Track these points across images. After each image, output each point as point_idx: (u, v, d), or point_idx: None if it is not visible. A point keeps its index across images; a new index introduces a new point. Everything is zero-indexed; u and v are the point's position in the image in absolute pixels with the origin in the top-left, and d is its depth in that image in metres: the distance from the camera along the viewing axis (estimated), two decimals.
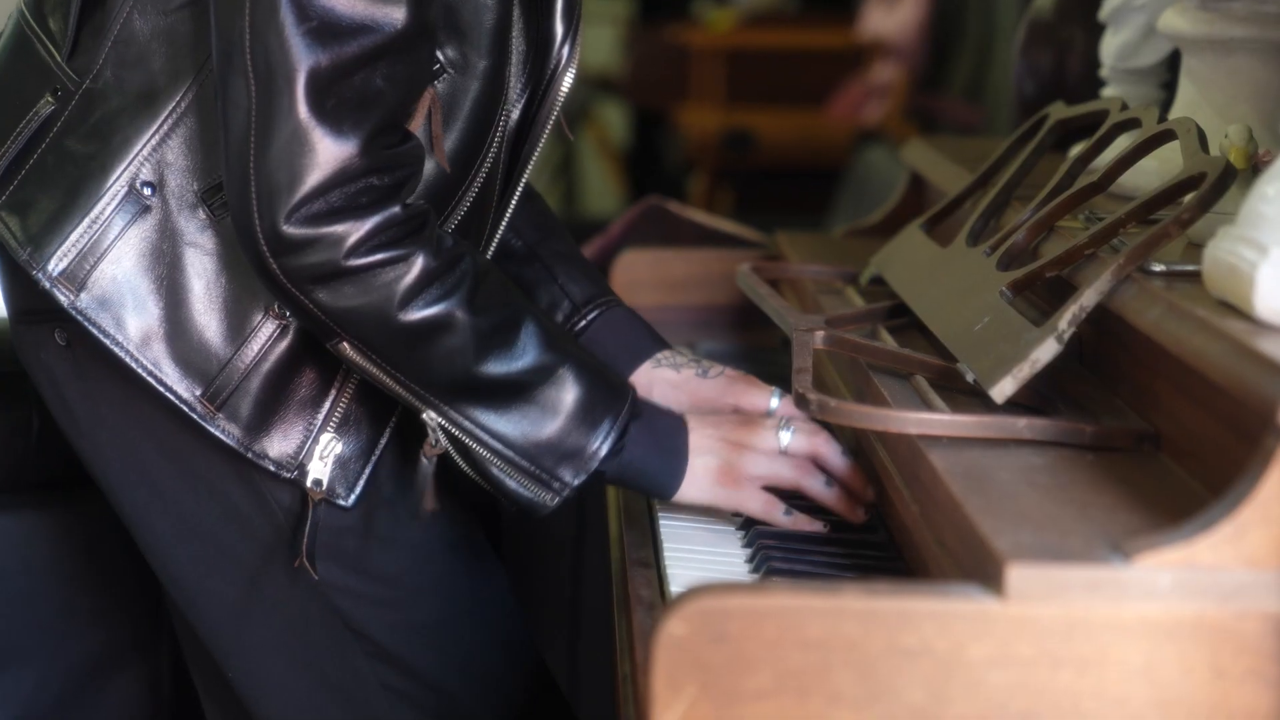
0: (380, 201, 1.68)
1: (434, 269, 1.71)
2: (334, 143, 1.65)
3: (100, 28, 1.82)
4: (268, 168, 1.65)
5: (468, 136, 1.83)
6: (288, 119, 1.64)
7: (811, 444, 1.81)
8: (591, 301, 2.03)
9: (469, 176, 1.85)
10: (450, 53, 1.80)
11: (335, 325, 1.72)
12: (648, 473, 1.80)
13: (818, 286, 2.20)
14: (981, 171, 2.09)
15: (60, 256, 1.78)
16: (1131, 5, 2.29)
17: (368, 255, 1.68)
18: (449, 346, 1.73)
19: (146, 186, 1.78)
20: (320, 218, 1.66)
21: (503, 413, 1.76)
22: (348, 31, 1.65)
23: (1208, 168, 1.60)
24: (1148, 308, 1.52)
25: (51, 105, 1.83)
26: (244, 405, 1.80)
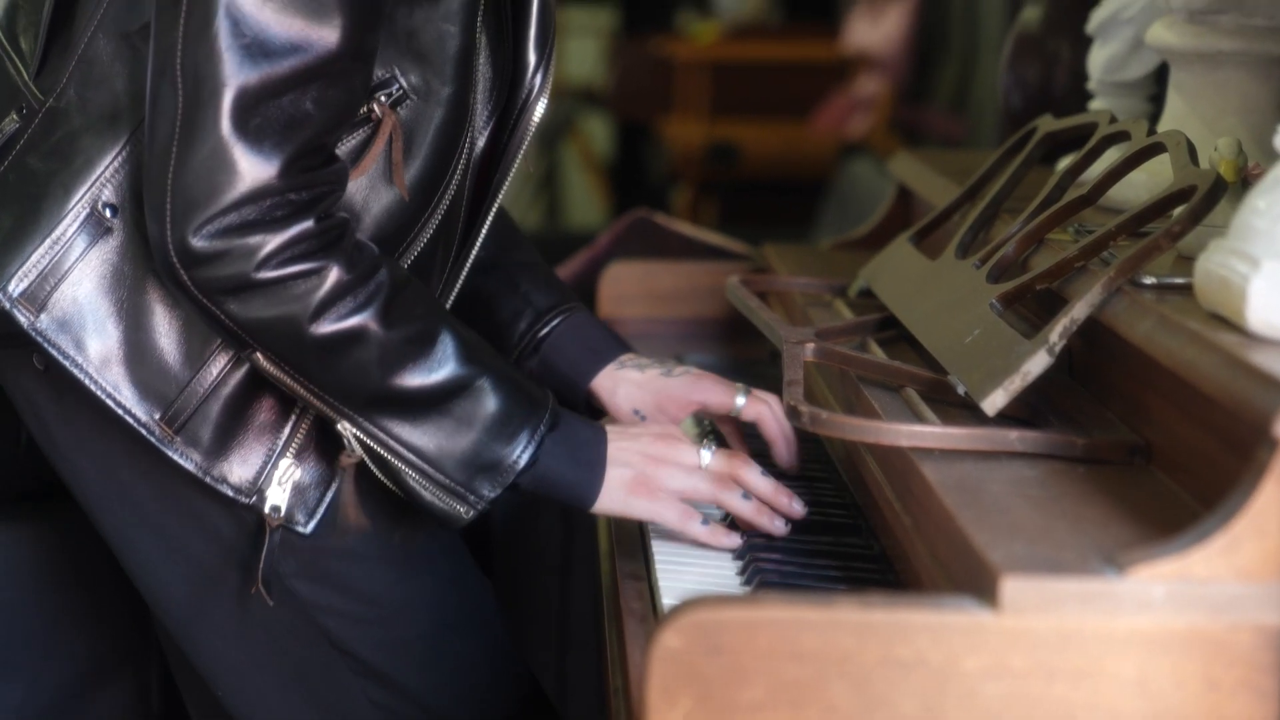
0: (295, 215, 1.68)
1: (347, 282, 1.71)
2: (254, 162, 1.65)
3: (66, 47, 1.82)
4: (186, 180, 1.65)
5: (430, 164, 1.83)
6: (211, 133, 1.64)
7: (730, 465, 1.81)
8: (554, 308, 2.04)
9: (432, 204, 1.84)
10: (413, 79, 1.80)
11: (248, 336, 1.71)
12: (564, 484, 1.80)
13: (806, 299, 2.20)
14: (970, 184, 2.09)
15: (21, 277, 1.77)
16: (1119, 18, 2.30)
17: (280, 268, 1.68)
18: (362, 359, 1.73)
19: (108, 208, 1.78)
20: (231, 231, 1.65)
21: (418, 425, 1.76)
22: (280, 51, 1.65)
23: (1198, 181, 1.61)
24: (1139, 320, 1.53)
25: (16, 123, 1.82)
26: (203, 430, 1.79)
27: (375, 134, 1.77)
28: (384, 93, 1.78)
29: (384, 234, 1.80)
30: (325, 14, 1.65)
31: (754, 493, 1.80)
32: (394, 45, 1.78)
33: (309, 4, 1.65)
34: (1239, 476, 1.29)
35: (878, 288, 2.07)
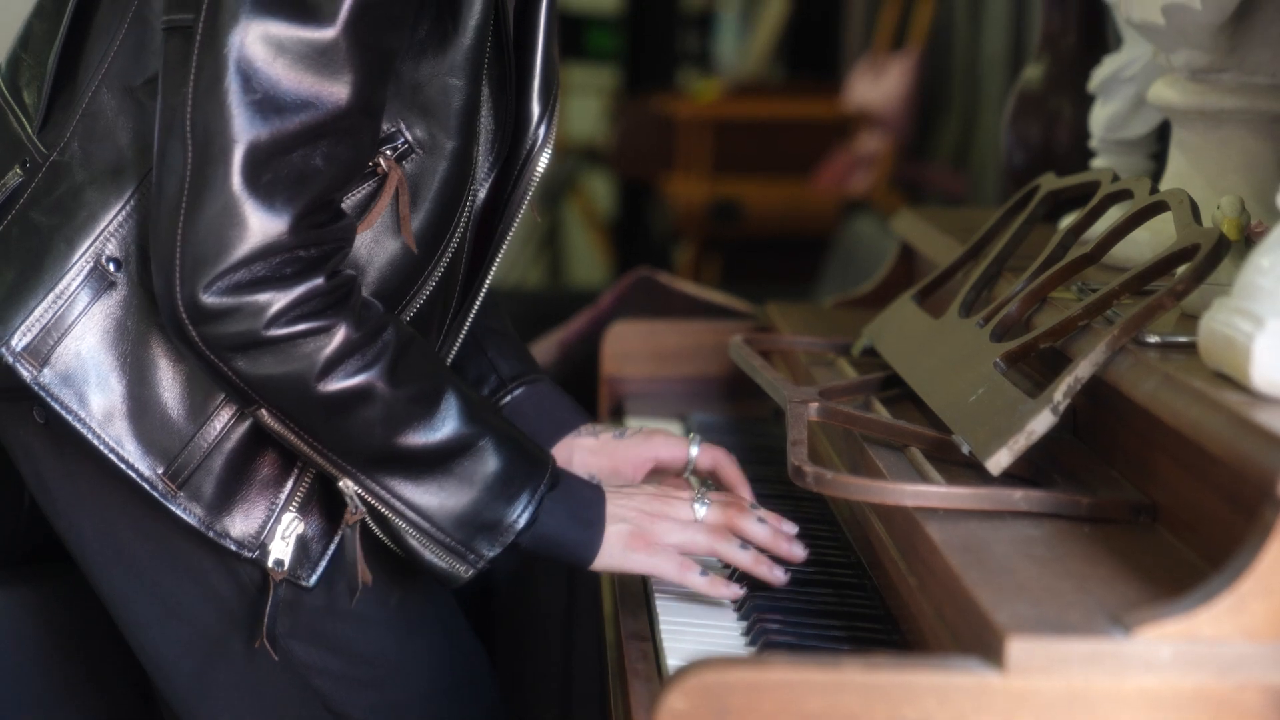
0: (304, 273, 1.68)
1: (355, 340, 1.71)
2: (264, 218, 1.65)
3: (70, 102, 1.82)
4: (196, 236, 1.65)
5: (435, 217, 1.83)
6: (221, 189, 1.64)
7: (726, 516, 1.81)
8: (518, 378, 2.04)
9: (435, 257, 1.85)
10: (418, 133, 1.80)
11: (254, 393, 1.71)
12: (564, 543, 1.80)
13: (810, 358, 2.20)
14: (973, 243, 2.09)
15: (24, 331, 1.77)
16: (1121, 77, 2.30)
17: (289, 325, 1.68)
18: (368, 417, 1.73)
19: (112, 262, 1.78)
20: (241, 287, 1.66)
21: (420, 484, 1.76)
22: (290, 107, 1.65)
23: (1201, 239, 1.61)
24: (1143, 379, 1.53)
25: (19, 177, 1.82)
26: (206, 484, 1.79)
27: (381, 188, 1.78)
28: (390, 146, 1.79)
29: (389, 287, 1.81)
30: (336, 70, 1.66)
31: (752, 542, 1.80)
32: (399, 99, 1.79)
33: (319, 60, 1.65)
34: (1245, 536, 1.29)
35: (881, 346, 2.07)
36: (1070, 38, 2.52)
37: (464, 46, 1.79)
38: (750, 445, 2.29)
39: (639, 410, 2.47)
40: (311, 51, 1.65)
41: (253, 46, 1.64)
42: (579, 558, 1.80)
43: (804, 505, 1.97)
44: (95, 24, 1.82)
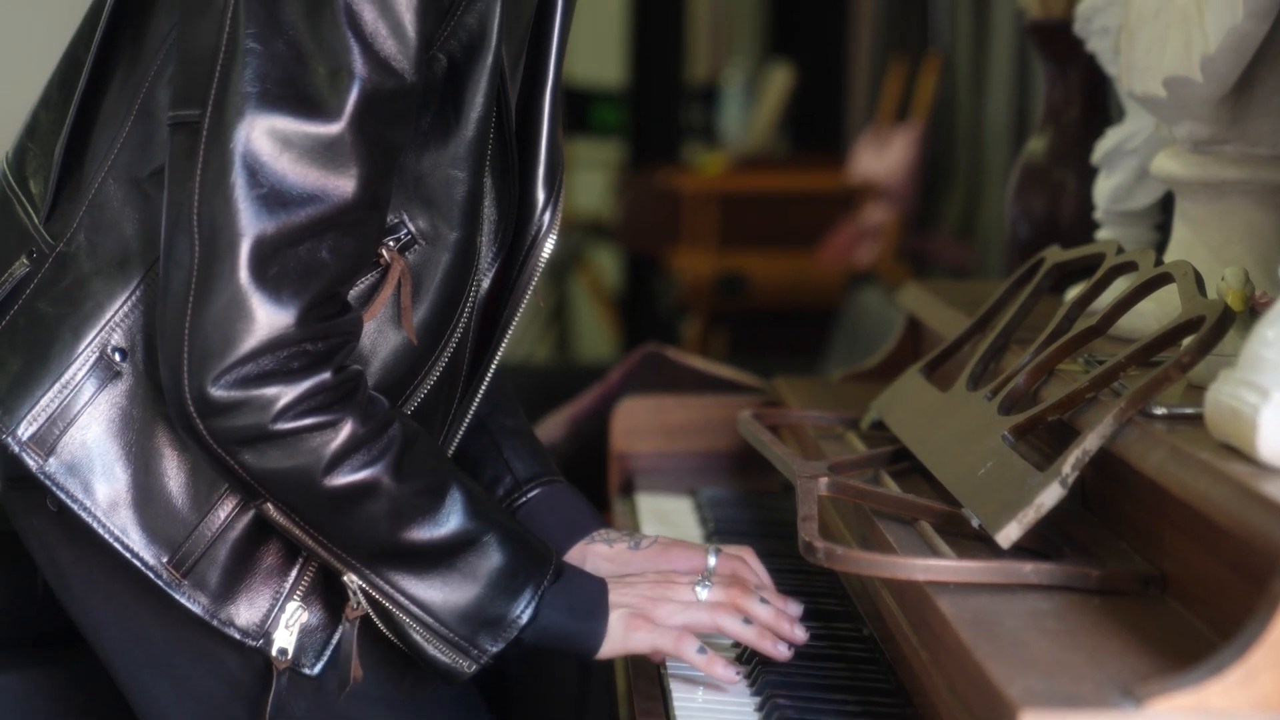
0: (312, 367, 1.69)
1: (361, 435, 1.71)
2: (271, 311, 1.66)
3: (76, 192, 1.83)
4: (203, 330, 1.65)
5: (438, 308, 1.84)
6: (228, 283, 1.65)
7: (729, 595, 1.81)
8: (534, 479, 2.02)
9: (438, 348, 1.85)
10: (421, 224, 1.81)
11: (259, 486, 1.72)
12: (567, 636, 1.80)
13: (819, 432, 2.21)
14: (979, 315, 2.10)
15: (30, 421, 1.78)
16: (1124, 149, 2.32)
17: (296, 420, 1.68)
18: (373, 512, 1.73)
19: (117, 352, 1.79)
20: (249, 381, 1.66)
21: (424, 579, 1.76)
22: (296, 201, 1.66)
23: (1206, 311, 1.62)
24: (1151, 451, 1.53)
25: (26, 267, 1.83)
26: (210, 573, 1.79)
27: (384, 279, 1.78)
28: (392, 238, 1.80)
29: (392, 377, 1.81)
30: (341, 163, 1.67)
31: (755, 620, 1.80)
32: (402, 191, 1.80)
33: (325, 154, 1.66)
34: (1254, 607, 1.29)
35: (890, 420, 2.08)
36: (1073, 110, 2.53)
37: (466, 138, 1.81)
38: (760, 520, 2.29)
39: (649, 485, 2.48)
40: (317, 146, 1.66)
41: (259, 141, 1.65)
42: (583, 649, 1.80)
43: (815, 579, 1.98)
44: (101, 116, 1.84)
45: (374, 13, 1.67)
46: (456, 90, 1.79)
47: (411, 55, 1.69)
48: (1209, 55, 1.87)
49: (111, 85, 1.83)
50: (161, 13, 1.81)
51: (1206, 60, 1.88)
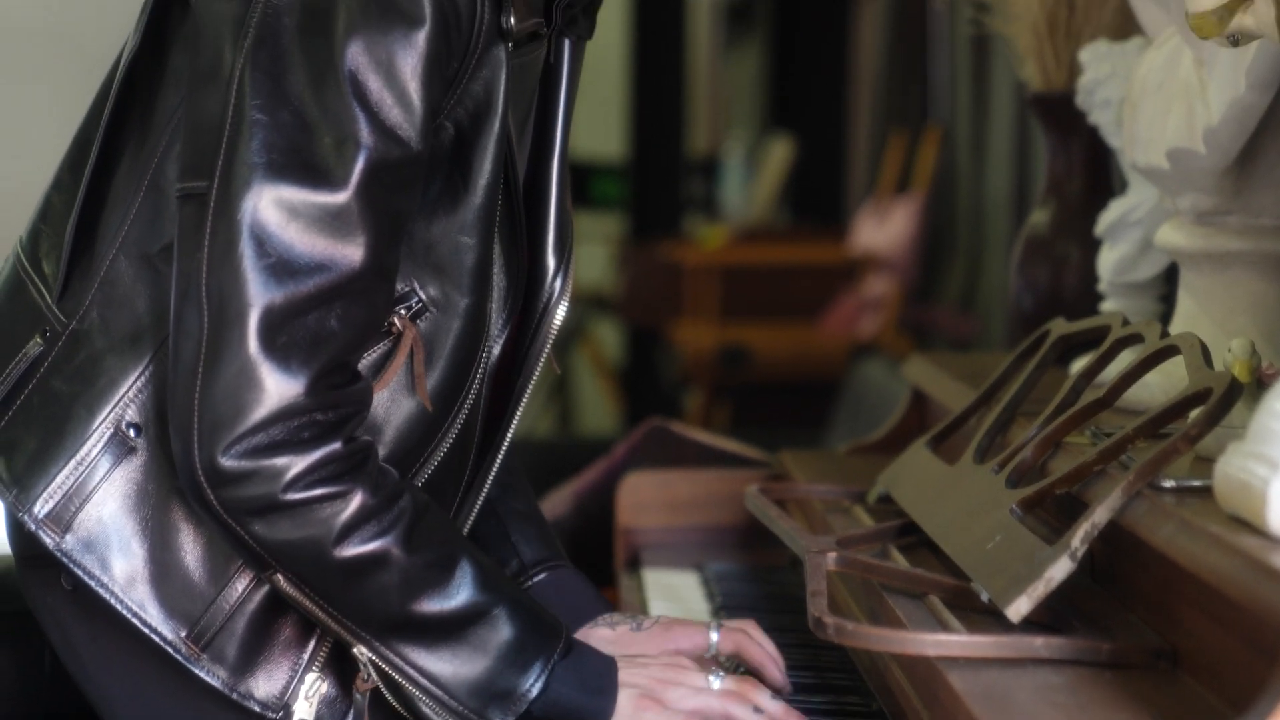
0: (322, 437, 1.69)
1: (372, 506, 1.71)
2: (281, 380, 1.66)
3: (88, 270, 1.84)
4: (213, 400, 1.66)
5: (449, 375, 1.84)
6: (237, 353, 1.65)
7: (741, 687, 1.80)
8: (540, 563, 2.02)
9: (450, 415, 1.85)
10: (431, 291, 1.82)
11: (270, 557, 1.72)
12: (576, 711, 1.79)
13: (825, 506, 2.21)
14: (985, 388, 2.10)
15: (46, 498, 1.78)
16: (1127, 221, 2.32)
17: (306, 490, 1.68)
18: (384, 583, 1.73)
19: (132, 428, 1.79)
20: (259, 451, 1.66)
21: (434, 651, 1.75)
22: (304, 270, 1.67)
23: (1213, 383, 1.62)
24: (1160, 524, 1.53)
25: (40, 346, 1.84)
26: (229, 646, 1.79)
27: (397, 347, 1.79)
28: (404, 306, 1.80)
29: (405, 446, 1.81)
30: (349, 232, 1.68)
31: (765, 712, 1.79)
32: (412, 258, 1.80)
33: (333, 223, 1.67)
34: (1266, 680, 1.29)
35: (897, 494, 2.07)
36: (1076, 182, 2.54)
37: (475, 205, 1.81)
38: (768, 594, 2.29)
39: (655, 560, 2.47)
40: (324, 215, 1.67)
41: (266, 211, 1.66)
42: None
43: (823, 654, 1.97)
44: (112, 194, 1.84)
45: (379, 82, 1.68)
46: (464, 157, 1.79)
47: (417, 124, 1.70)
48: (1212, 127, 1.88)
49: (121, 164, 1.84)
50: (169, 90, 1.82)
51: (1209, 132, 1.88)
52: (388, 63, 1.68)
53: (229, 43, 1.70)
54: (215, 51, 1.71)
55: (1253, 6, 1.61)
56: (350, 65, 1.67)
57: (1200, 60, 1.93)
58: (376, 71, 1.68)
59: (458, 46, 1.73)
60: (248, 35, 1.68)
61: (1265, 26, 1.61)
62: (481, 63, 1.76)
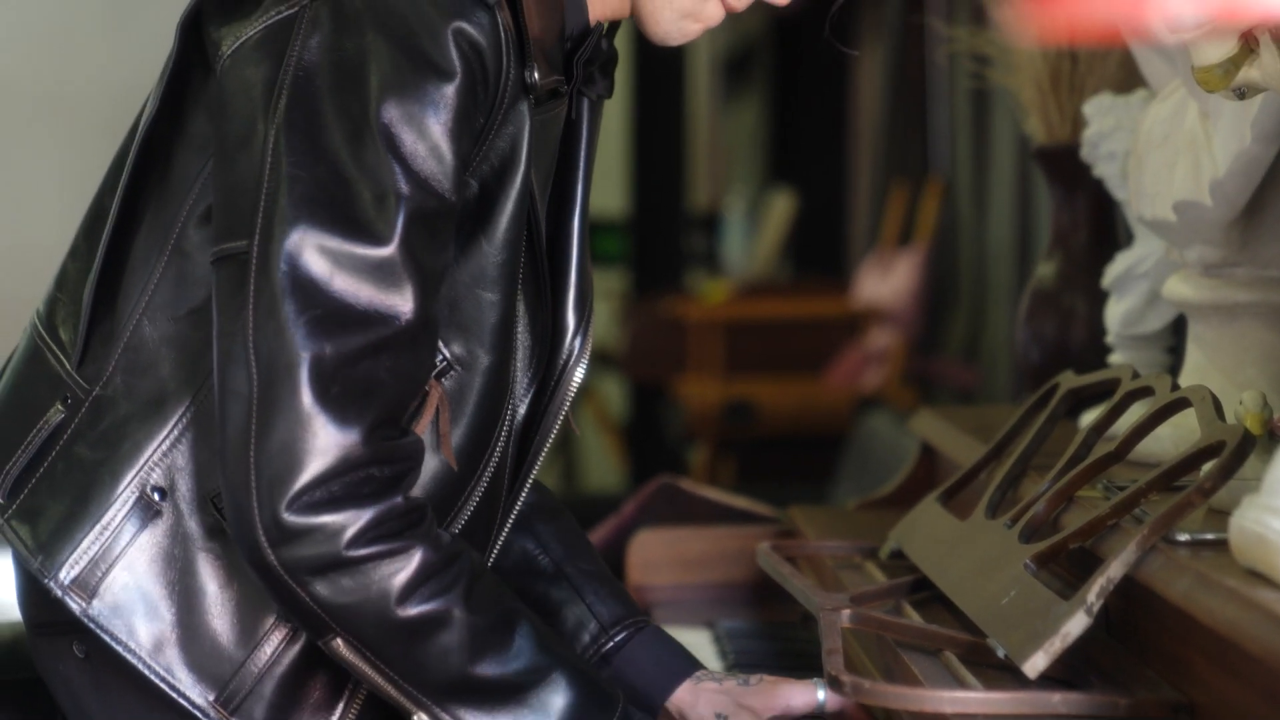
0: (381, 492, 1.68)
1: (433, 563, 1.71)
2: (337, 430, 1.66)
3: (110, 335, 1.83)
4: (269, 455, 1.65)
5: (475, 432, 1.84)
6: (290, 406, 1.65)
7: None
8: (620, 622, 2.00)
9: (477, 472, 1.85)
10: (456, 349, 1.82)
11: (331, 620, 1.70)
12: None
13: (837, 562, 2.21)
14: (995, 442, 2.10)
15: (71, 564, 1.78)
16: (1134, 273, 2.33)
17: (368, 546, 1.68)
18: (445, 644, 1.72)
19: (156, 491, 1.79)
20: (321, 506, 1.66)
21: (494, 714, 1.74)
22: (354, 321, 1.67)
23: (1226, 436, 1.62)
24: (1176, 578, 1.53)
25: (61, 413, 1.83)
26: (257, 710, 1.78)
27: (423, 405, 1.78)
28: None
29: (432, 504, 1.81)
30: (396, 284, 1.68)
31: None
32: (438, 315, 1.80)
33: (378, 274, 1.67)
34: None
35: (909, 549, 2.07)
36: (1081, 235, 2.54)
37: (498, 261, 1.81)
38: (779, 651, 2.28)
39: (667, 618, 2.47)
40: (370, 267, 1.67)
41: (310, 264, 1.66)
42: None
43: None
44: (132, 258, 1.84)
45: (413, 136, 1.68)
46: (487, 213, 1.80)
47: (450, 176, 1.70)
48: (1218, 179, 1.88)
49: (140, 228, 1.84)
50: (188, 153, 1.82)
51: (1216, 184, 1.89)
52: (420, 117, 1.69)
53: (260, 107, 1.70)
54: (247, 117, 1.71)
55: (1258, 60, 1.61)
56: (384, 120, 1.68)
57: (1205, 113, 1.93)
58: (410, 126, 1.68)
59: (484, 101, 1.74)
60: (280, 97, 1.69)
61: (1271, 80, 1.61)
62: (507, 118, 1.77)
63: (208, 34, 1.79)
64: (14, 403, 1.89)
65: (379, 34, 1.69)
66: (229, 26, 1.76)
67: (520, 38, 1.75)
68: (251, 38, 1.74)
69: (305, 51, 1.70)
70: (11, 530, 1.82)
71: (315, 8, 1.72)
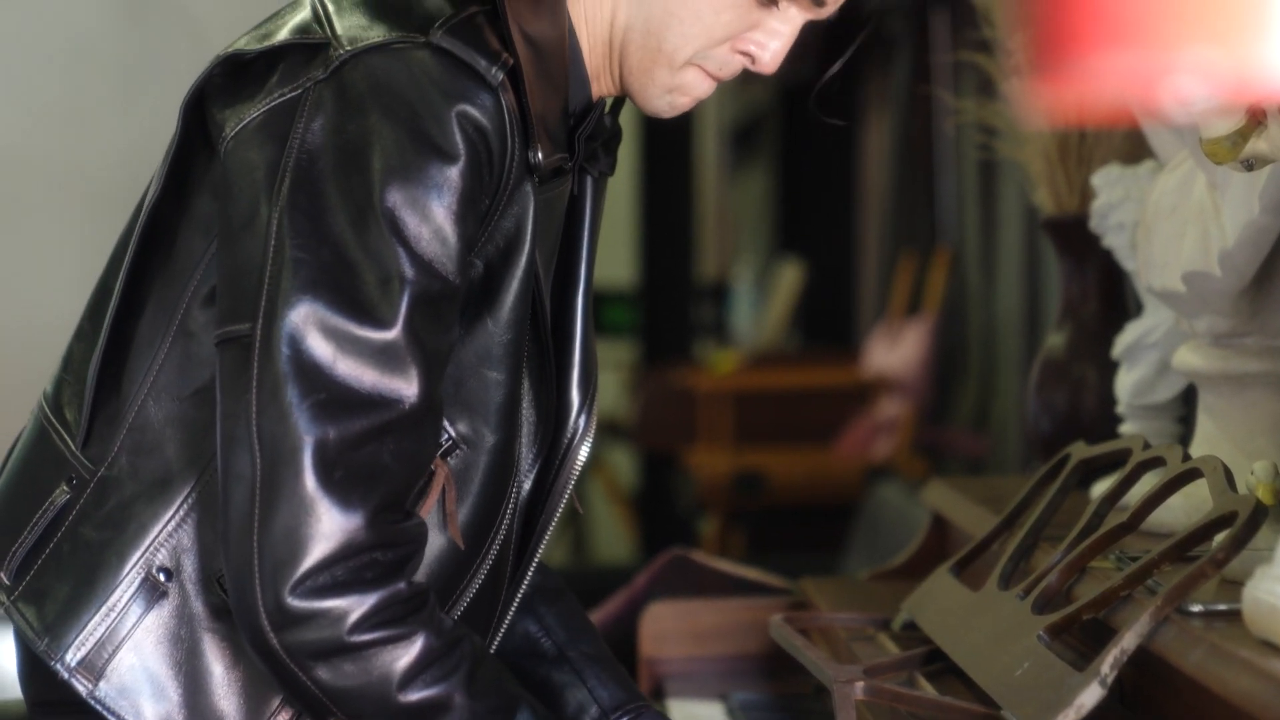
0: (385, 577, 1.68)
1: (435, 649, 1.71)
2: (341, 514, 1.66)
3: (115, 415, 1.84)
4: (272, 539, 1.65)
5: (480, 511, 1.84)
6: (294, 490, 1.65)
7: None
8: (620, 707, 2.01)
9: (482, 551, 1.85)
10: (461, 428, 1.82)
11: (333, 704, 1.70)
12: None
13: (850, 633, 2.20)
14: (1007, 513, 2.10)
15: (78, 646, 1.78)
16: (1144, 343, 2.33)
17: (371, 632, 1.68)
18: None
19: (162, 572, 1.79)
20: (324, 591, 1.66)
21: None
22: (357, 405, 1.67)
23: (1238, 507, 1.62)
24: (1190, 649, 1.53)
25: (67, 494, 1.84)
26: None
27: (429, 485, 1.78)
28: None
29: (438, 583, 1.81)
30: (400, 367, 1.68)
31: None
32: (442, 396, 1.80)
33: (382, 358, 1.67)
34: None
35: (922, 621, 2.07)
36: (1091, 305, 2.55)
37: (503, 341, 1.82)
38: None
39: (679, 691, 2.47)
40: (374, 350, 1.67)
41: (314, 347, 1.66)
42: None
43: None
44: (137, 339, 1.84)
45: (416, 219, 1.69)
46: (492, 292, 1.80)
47: (454, 257, 1.71)
48: (1227, 250, 1.89)
49: (145, 308, 1.85)
50: (192, 233, 1.83)
51: (1225, 255, 1.90)
52: (424, 200, 1.69)
53: (264, 189, 1.71)
54: (250, 199, 1.72)
55: (1266, 132, 1.62)
56: (388, 203, 1.68)
57: (1214, 184, 1.94)
58: (413, 209, 1.69)
59: (489, 183, 1.74)
60: (284, 180, 1.69)
61: (1279, 151, 1.62)
62: (512, 199, 1.77)
63: (211, 115, 1.79)
64: (21, 483, 1.89)
65: (383, 117, 1.70)
66: (232, 108, 1.77)
67: (524, 117, 1.76)
68: (255, 119, 1.74)
69: (309, 134, 1.71)
70: (18, 612, 1.82)
71: (319, 90, 1.72)
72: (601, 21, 1.84)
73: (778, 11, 1.81)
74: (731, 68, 1.84)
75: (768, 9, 1.81)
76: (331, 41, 1.73)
